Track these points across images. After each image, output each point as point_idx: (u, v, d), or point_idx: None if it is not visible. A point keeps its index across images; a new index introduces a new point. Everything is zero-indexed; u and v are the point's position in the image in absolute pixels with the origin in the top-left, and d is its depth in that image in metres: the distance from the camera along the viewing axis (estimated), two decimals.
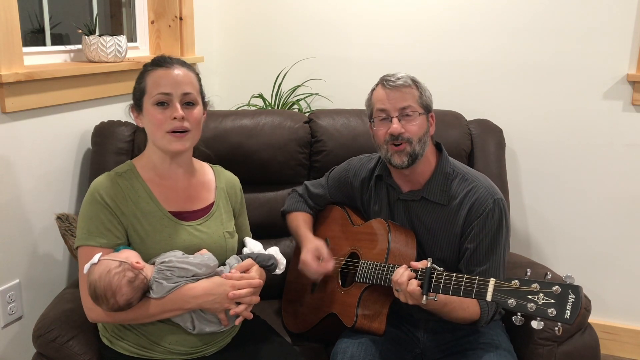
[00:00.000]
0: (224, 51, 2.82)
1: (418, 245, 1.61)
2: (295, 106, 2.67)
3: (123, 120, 2.05)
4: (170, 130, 1.41)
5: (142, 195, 1.46)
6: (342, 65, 2.64)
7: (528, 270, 1.26)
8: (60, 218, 1.79)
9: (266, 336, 1.60)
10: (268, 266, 1.55)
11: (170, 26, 2.52)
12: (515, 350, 1.59)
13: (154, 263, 1.39)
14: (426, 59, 2.50)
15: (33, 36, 2.10)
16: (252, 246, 1.63)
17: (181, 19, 2.51)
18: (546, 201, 2.47)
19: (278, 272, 1.60)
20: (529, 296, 1.21)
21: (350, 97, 2.49)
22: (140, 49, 2.52)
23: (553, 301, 1.18)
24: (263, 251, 1.61)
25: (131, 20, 2.55)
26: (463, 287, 1.32)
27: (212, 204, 1.56)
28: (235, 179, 1.67)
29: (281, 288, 1.94)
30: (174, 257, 1.39)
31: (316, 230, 1.87)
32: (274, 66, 2.69)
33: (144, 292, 1.36)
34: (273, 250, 1.62)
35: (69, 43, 2.19)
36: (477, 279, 1.31)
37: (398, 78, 1.57)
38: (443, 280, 1.35)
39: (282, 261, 1.61)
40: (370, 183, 1.75)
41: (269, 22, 2.72)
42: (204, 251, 1.46)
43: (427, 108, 1.60)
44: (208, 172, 1.62)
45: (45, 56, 2.02)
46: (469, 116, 2.29)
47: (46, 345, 1.50)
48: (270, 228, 2.08)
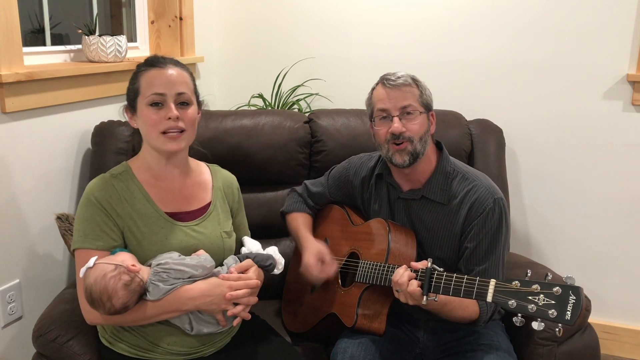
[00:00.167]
0: (224, 51, 2.82)
1: (418, 244, 1.61)
2: (295, 106, 2.67)
3: (123, 120, 2.04)
4: (164, 130, 1.40)
5: (138, 196, 1.45)
6: (342, 65, 2.64)
7: (528, 271, 1.26)
8: (60, 218, 1.78)
9: (266, 336, 1.60)
10: (266, 266, 1.55)
11: (170, 26, 2.52)
12: (515, 350, 1.59)
13: (151, 265, 1.38)
14: (426, 59, 2.50)
15: (33, 36, 2.10)
16: (251, 245, 1.62)
17: (181, 19, 2.51)
18: (546, 201, 2.47)
19: (276, 272, 1.60)
20: (530, 297, 1.21)
21: (350, 97, 2.49)
22: (140, 49, 2.51)
23: (554, 302, 1.18)
24: (261, 251, 1.60)
25: (131, 20, 2.55)
26: (463, 288, 1.32)
27: (209, 204, 1.55)
28: (232, 178, 1.66)
29: (281, 288, 1.94)
30: (170, 259, 1.38)
31: (316, 229, 1.87)
32: (274, 66, 2.69)
33: (141, 295, 1.36)
34: (271, 250, 1.62)
35: (69, 43, 2.19)
36: (478, 280, 1.31)
37: (398, 77, 1.57)
38: (443, 280, 1.35)
39: (281, 261, 1.61)
40: (370, 182, 1.75)
41: (269, 22, 2.72)
42: (201, 252, 1.45)
43: (428, 107, 1.60)
44: (204, 172, 1.61)
45: (45, 56, 2.02)
46: (469, 116, 2.29)
47: (46, 345, 1.50)
48: (270, 228, 2.08)
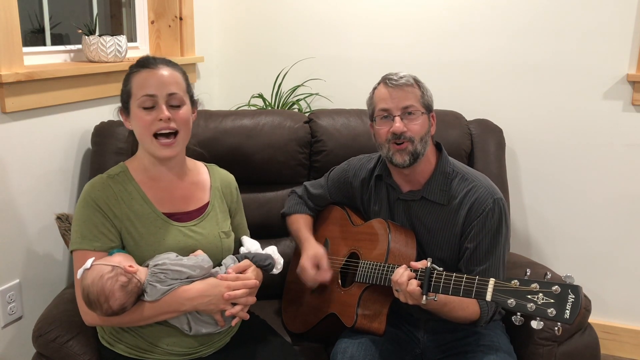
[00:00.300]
0: (224, 51, 2.82)
1: (418, 245, 1.61)
2: (295, 106, 2.67)
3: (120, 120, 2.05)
4: (157, 131, 1.40)
5: (135, 197, 1.45)
6: (342, 65, 2.64)
7: (528, 270, 1.26)
8: (60, 218, 1.78)
9: (265, 336, 1.60)
10: (265, 266, 1.54)
11: (170, 26, 2.52)
12: (515, 350, 1.59)
13: (148, 266, 1.38)
14: (426, 59, 2.50)
15: (33, 36, 2.10)
16: (250, 245, 1.62)
17: (181, 19, 2.51)
18: (546, 201, 2.47)
19: (275, 272, 1.60)
20: (529, 296, 1.21)
21: (350, 97, 2.49)
22: (140, 49, 2.52)
23: (553, 301, 1.18)
24: (260, 250, 1.60)
25: (131, 20, 2.55)
26: (463, 287, 1.32)
27: (207, 204, 1.55)
28: (230, 178, 1.66)
29: (281, 288, 1.94)
30: (168, 260, 1.38)
31: (316, 230, 1.87)
32: (274, 66, 2.69)
33: (139, 296, 1.36)
34: (270, 249, 1.61)
35: (69, 43, 2.19)
36: (477, 279, 1.31)
37: (401, 77, 1.57)
38: (443, 280, 1.35)
39: (280, 261, 1.60)
40: (370, 183, 1.75)
41: (269, 22, 2.72)
42: (199, 252, 1.45)
43: (429, 108, 1.60)
44: (202, 172, 1.60)
45: (45, 56, 2.02)
46: (469, 116, 2.29)
47: (46, 345, 1.50)
48: (270, 228, 2.08)
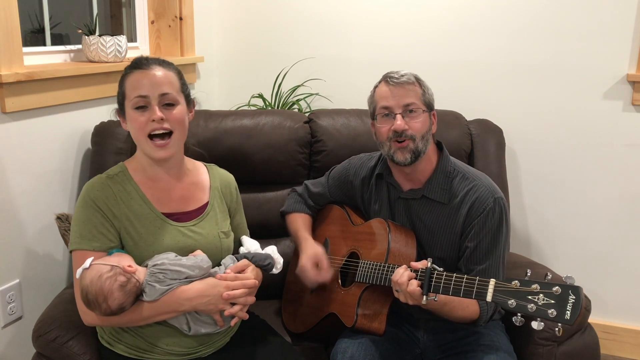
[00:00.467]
0: (224, 51, 2.82)
1: (418, 244, 1.61)
2: (295, 106, 2.67)
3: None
4: (151, 131, 1.39)
5: (135, 197, 1.45)
6: (342, 65, 2.64)
7: (528, 270, 1.26)
8: (60, 218, 1.78)
9: (265, 336, 1.60)
10: (264, 266, 1.54)
11: (170, 26, 2.52)
12: (515, 350, 1.59)
13: (147, 265, 1.38)
14: (426, 59, 2.50)
15: (33, 36, 2.10)
16: (249, 245, 1.62)
17: (181, 19, 2.51)
18: (546, 201, 2.47)
19: (275, 272, 1.60)
20: (529, 297, 1.21)
21: (350, 97, 2.49)
22: (140, 49, 2.51)
23: (553, 302, 1.18)
24: (260, 250, 1.60)
25: (131, 20, 2.55)
26: (463, 288, 1.32)
27: (207, 204, 1.55)
28: (230, 178, 1.65)
29: (281, 288, 1.94)
30: (167, 260, 1.38)
31: (316, 229, 1.87)
32: (274, 66, 2.69)
33: (137, 296, 1.36)
34: (270, 249, 1.61)
35: (69, 43, 2.19)
36: (477, 280, 1.31)
37: (402, 75, 1.57)
38: (443, 280, 1.35)
39: (279, 260, 1.60)
40: (370, 182, 1.75)
41: (269, 22, 2.72)
42: (198, 252, 1.45)
43: (430, 106, 1.60)
44: (202, 172, 1.60)
45: (45, 56, 2.02)
46: (469, 116, 2.29)
47: (46, 345, 1.50)
48: (270, 228, 2.08)
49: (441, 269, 1.38)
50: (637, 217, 2.37)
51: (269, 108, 2.66)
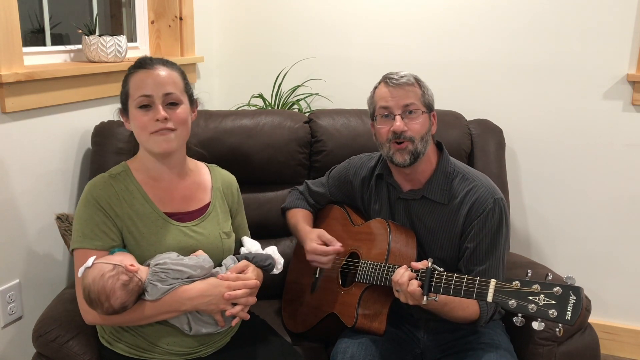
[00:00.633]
0: (224, 51, 2.82)
1: (418, 244, 1.61)
2: (295, 106, 2.67)
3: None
4: (154, 131, 1.40)
5: (137, 196, 1.45)
6: (342, 65, 2.64)
7: (529, 271, 1.26)
8: (60, 218, 1.78)
9: (266, 336, 1.60)
10: (265, 266, 1.55)
11: (170, 26, 2.52)
12: (515, 350, 1.59)
13: (149, 265, 1.38)
14: (426, 59, 2.50)
15: (33, 36, 2.10)
16: (250, 245, 1.62)
17: (181, 19, 2.51)
18: (546, 201, 2.47)
19: (276, 272, 1.60)
20: (530, 297, 1.21)
21: (350, 97, 2.49)
22: (140, 49, 2.51)
23: (554, 302, 1.18)
24: (261, 251, 1.60)
25: (131, 20, 2.55)
26: (464, 288, 1.32)
27: (208, 205, 1.55)
28: (231, 178, 1.66)
29: (281, 288, 1.94)
30: (169, 259, 1.38)
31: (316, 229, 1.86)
32: (274, 66, 2.69)
33: (139, 295, 1.36)
34: (270, 249, 1.61)
35: (69, 43, 2.19)
36: (478, 280, 1.31)
37: (401, 76, 1.57)
38: (444, 280, 1.35)
39: (280, 261, 1.60)
40: (370, 182, 1.75)
41: (269, 22, 2.72)
42: (200, 252, 1.45)
43: (430, 107, 1.60)
44: (204, 172, 1.61)
45: (45, 56, 2.02)
46: (469, 116, 2.29)
47: (46, 345, 1.50)
48: (270, 228, 2.08)
49: (442, 269, 1.38)
50: (637, 217, 2.37)
51: (269, 108, 2.66)
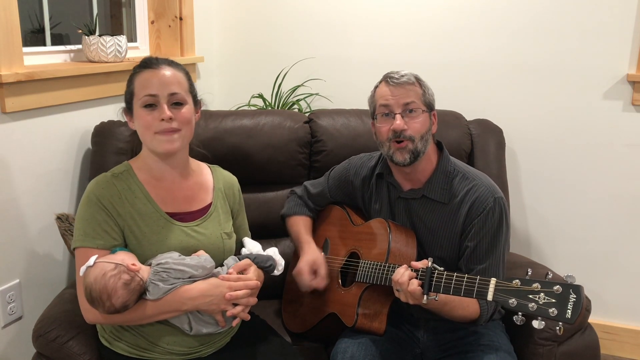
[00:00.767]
0: (224, 51, 2.82)
1: (418, 243, 1.61)
2: (295, 106, 2.67)
3: (123, 120, 2.04)
4: (158, 131, 1.41)
5: (139, 196, 1.45)
6: (342, 65, 2.64)
7: (529, 270, 1.26)
8: (60, 218, 1.78)
9: (266, 336, 1.60)
10: (266, 267, 1.55)
11: (170, 26, 2.52)
12: (515, 350, 1.59)
13: (151, 265, 1.38)
14: (426, 59, 2.50)
15: (33, 36, 2.10)
16: (251, 247, 1.62)
17: (181, 19, 2.51)
18: (546, 201, 2.47)
19: (276, 274, 1.60)
20: (530, 296, 1.21)
21: (350, 97, 2.49)
22: (140, 49, 2.52)
23: (554, 301, 1.18)
24: (262, 252, 1.60)
25: (131, 20, 2.55)
26: (464, 287, 1.32)
27: (210, 205, 1.55)
28: (233, 179, 1.66)
29: (281, 288, 1.94)
30: (170, 259, 1.38)
31: (316, 230, 1.87)
32: (274, 66, 2.69)
33: (141, 294, 1.36)
34: (271, 251, 1.62)
35: (69, 43, 2.19)
36: (478, 279, 1.31)
37: (402, 75, 1.57)
38: (444, 280, 1.35)
39: (281, 262, 1.61)
40: (371, 181, 1.75)
41: (269, 22, 2.72)
42: (201, 252, 1.45)
43: (430, 106, 1.60)
44: (206, 173, 1.61)
45: (45, 56, 2.02)
46: (469, 116, 2.29)
47: (46, 345, 1.50)
48: (270, 228, 2.08)
49: (442, 269, 1.38)
50: (637, 217, 2.37)
51: (269, 108, 2.66)
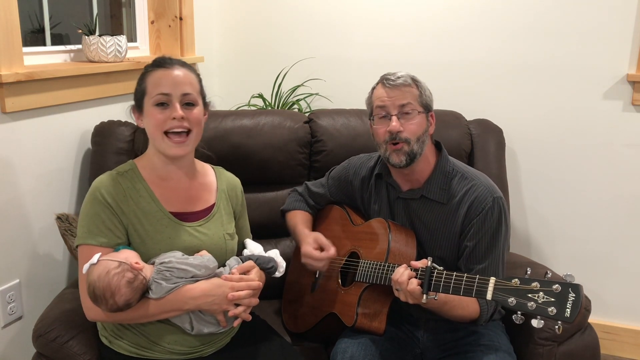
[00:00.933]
0: (224, 51, 2.82)
1: (418, 243, 1.61)
2: (295, 106, 2.67)
3: (123, 120, 2.05)
4: (169, 129, 1.41)
5: (144, 195, 1.46)
6: (342, 65, 2.64)
7: (528, 269, 1.26)
8: (60, 218, 1.79)
9: (266, 336, 1.60)
10: (268, 269, 1.55)
11: (170, 26, 2.52)
12: (515, 350, 1.59)
13: (154, 263, 1.39)
14: (426, 59, 2.50)
15: (33, 36, 2.10)
16: (253, 248, 1.63)
17: (181, 19, 2.51)
18: (546, 201, 2.47)
19: (278, 275, 1.60)
20: (529, 295, 1.21)
21: (350, 97, 2.49)
22: (140, 49, 2.52)
23: (553, 300, 1.18)
24: (263, 253, 1.61)
25: (131, 20, 2.55)
26: (463, 286, 1.32)
27: (213, 206, 1.56)
28: (236, 181, 1.67)
29: (281, 288, 1.94)
30: (174, 258, 1.39)
31: (316, 229, 1.86)
32: (274, 66, 2.69)
33: (143, 293, 1.36)
34: (273, 252, 1.62)
35: (69, 43, 2.19)
36: (477, 278, 1.31)
37: (398, 77, 1.57)
38: (443, 279, 1.35)
39: (282, 264, 1.61)
40: (370, 182, 1.75)
41: (269, 22, 2.72)
42: (204, 252, 1.46)
43: (427, 107, 1.60)
44: (209, 174, 1.62)
45: (45, 56, 2.02)
46: (469, 116, 2.29)
47: (46, 345, 1.50)
48: (270, 228, 2.08)
49: (441, 268, 1.38)
50: (637, 217, 2.37)
51: (269, 108, 2.66)
